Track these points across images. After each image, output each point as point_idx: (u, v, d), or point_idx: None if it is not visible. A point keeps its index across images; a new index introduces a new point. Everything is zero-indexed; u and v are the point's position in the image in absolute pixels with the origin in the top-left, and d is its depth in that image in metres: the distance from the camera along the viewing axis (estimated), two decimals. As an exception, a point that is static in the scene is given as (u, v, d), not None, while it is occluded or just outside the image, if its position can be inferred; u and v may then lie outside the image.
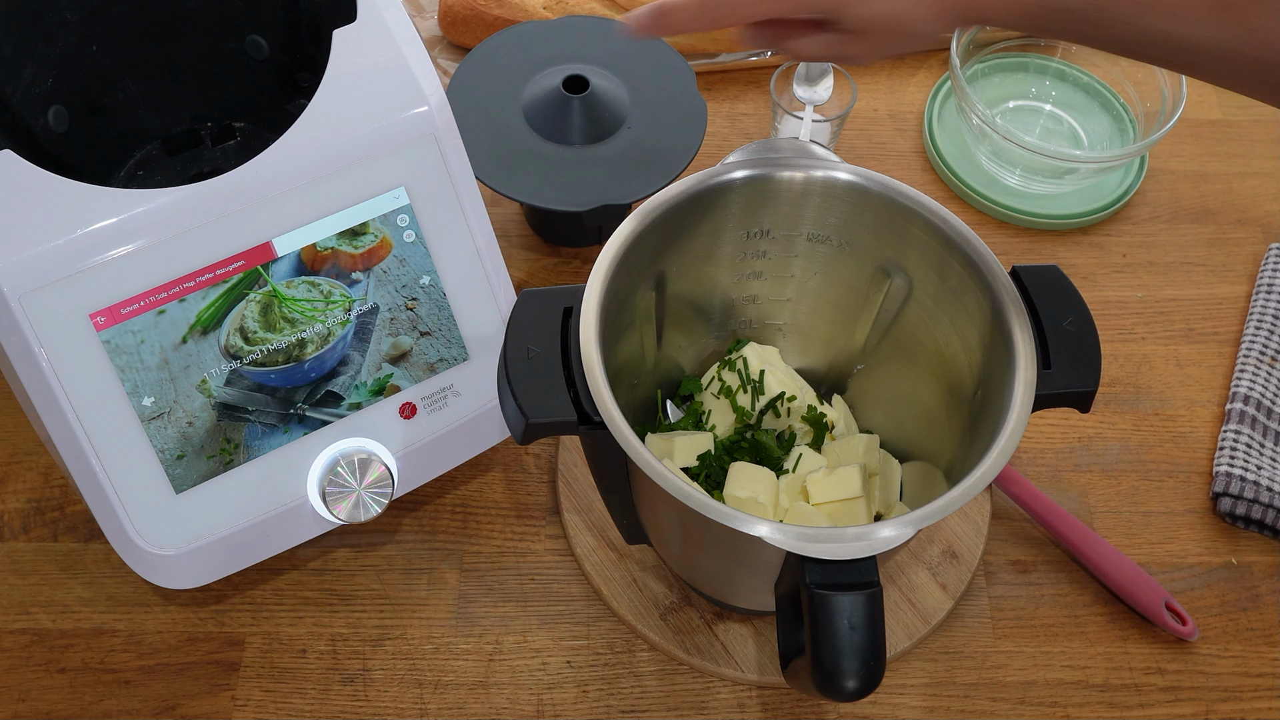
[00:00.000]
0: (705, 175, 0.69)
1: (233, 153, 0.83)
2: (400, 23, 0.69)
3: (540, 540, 0.80)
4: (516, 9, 0.99)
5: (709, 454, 0.76)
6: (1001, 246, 0.95)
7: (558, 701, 0.74)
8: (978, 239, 0.67)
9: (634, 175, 0.85)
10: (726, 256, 0.74)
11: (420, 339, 0.70)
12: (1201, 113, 1.05)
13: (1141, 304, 0.92)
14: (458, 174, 0.69)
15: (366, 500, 0.68)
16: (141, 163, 0.83)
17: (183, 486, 0.66)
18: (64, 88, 0.76)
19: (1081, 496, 0.83)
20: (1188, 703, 0.75)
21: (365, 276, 0.67)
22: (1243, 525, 0.81)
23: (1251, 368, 0.87)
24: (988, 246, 0.66)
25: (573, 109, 0.86)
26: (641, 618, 0.76)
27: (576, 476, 0.81)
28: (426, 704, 0.73)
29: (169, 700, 0.73)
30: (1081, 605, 0.78)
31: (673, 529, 0.68)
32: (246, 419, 0.67)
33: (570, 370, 0.62)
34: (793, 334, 0.80)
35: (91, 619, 0.76)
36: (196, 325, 0.64)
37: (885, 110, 1.03)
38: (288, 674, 0.74)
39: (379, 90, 0.66)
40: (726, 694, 0.74)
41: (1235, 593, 0.79)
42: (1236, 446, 0.83)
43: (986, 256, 0.66)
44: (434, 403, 0.71)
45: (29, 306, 0.60)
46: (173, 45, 0.79)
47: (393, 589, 0.77)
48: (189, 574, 0.68)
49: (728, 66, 1.04)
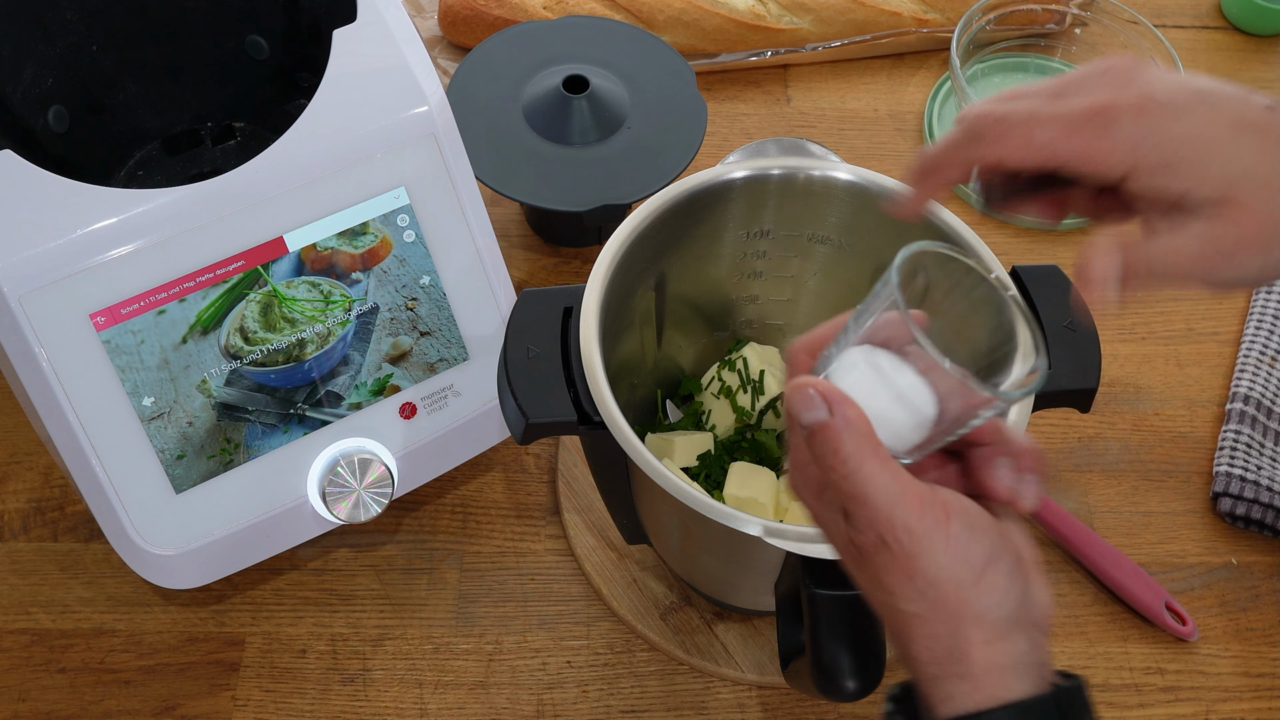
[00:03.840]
0: (705, 175, 0.69)
1: (233, 153, 0.83)
2: (400, 23, 0.69)
3: (540, 540, 0.80)
4: (516, 9, 0.99)
5: (709, 454, 0.76)
6: (1001, 246, 0.95)
7: (558, 701, 0.74)
8: (978, 239, 0.67)
9: (634, 175, 0.85)
10: (726, 256, 0.74)
11: (420, 339, 0.70)
12: (1201, 113, 1.05)
13: (1141, 304, 0.92)
14: (458, 174, 0.69)
15: (366, 500, 0.68)
16: (141, 163, 0.83)
17: (183, 486, 0.66)
18: (64, 88, 0.76)
19: (1081, 496, 0.83)
20: (1188, 703, 0.75)
21: (365, 276, 0.67)
22: (1243, 525, 0.81)
23: (1251, 368, 0.87)
24: (988, 246, 0.66)
25: (573, 109, 0.86)
26: (641, 618, 0.76)
27: (576, 476, 0.81)
28: (426, 704, 0.73)
29: (169, 700, 0.73)
30: (1081, 605, 0.78)
31: (673, 529, 0.68)
32: (246, 419, 0.67)
33: (570, 370, 0.62)
34: (793, 334, 0.80)
35: (91, 619, 0.76)
36: (196, 325, 0.64)
37: (885, 110, 1.03)
38: (288, 674, 0.74)
39: (379, 90, 0.66)
40: (726, 694, 0.74)
41: (1235, 593, 0.79)
42: (1236, 446, 0.82)
43: (987, 257, 0.66)
44: (434, 403, 0.71)
45: (29, 306, 0.60)
46: (173, 45, 0.79)
47: (393, 589, 0.77)
48: (189, 574, 0.68)
49: (728, 66, 1.04)
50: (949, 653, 0.44)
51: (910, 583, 0.44)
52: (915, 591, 0.44)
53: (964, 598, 0.44)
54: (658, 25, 1.00)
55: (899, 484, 0.44)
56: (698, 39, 1.02)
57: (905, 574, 0.44)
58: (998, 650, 0.44)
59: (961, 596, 0.44)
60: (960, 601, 0.44)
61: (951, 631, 0.44)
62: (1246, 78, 1.07)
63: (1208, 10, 1.12)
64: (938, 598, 0.44)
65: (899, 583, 0.44)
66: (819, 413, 0.44)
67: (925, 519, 0.44)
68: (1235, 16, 1.10)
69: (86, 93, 0.78)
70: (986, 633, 0.44)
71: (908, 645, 0.45)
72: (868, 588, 0.46)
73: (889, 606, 0.45)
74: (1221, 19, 1.11)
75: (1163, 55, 0.98)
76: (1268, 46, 1.09)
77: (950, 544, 0.44)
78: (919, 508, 0.44)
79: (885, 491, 0.44)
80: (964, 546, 0.44)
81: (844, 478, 0.44)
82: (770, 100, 1.03)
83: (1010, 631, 0.44)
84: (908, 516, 0.44)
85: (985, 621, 0.44)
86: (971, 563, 0.44)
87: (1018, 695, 0.43)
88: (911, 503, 0.44)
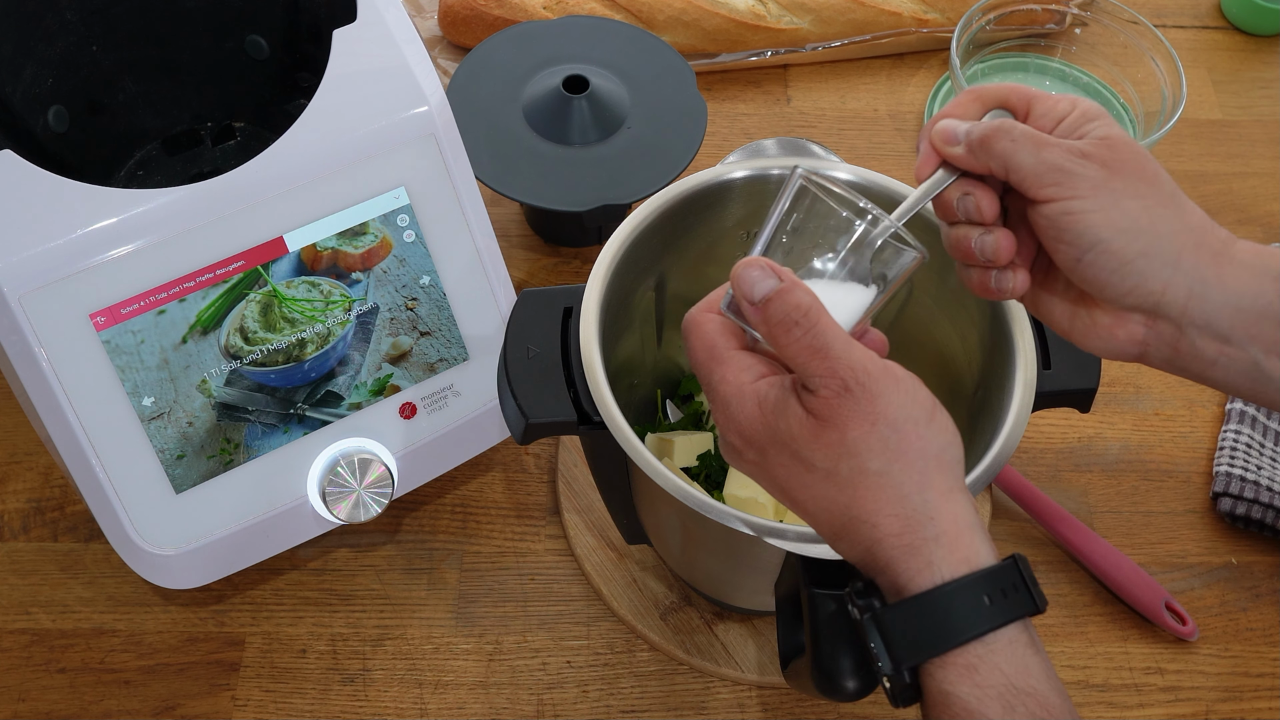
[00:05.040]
0: (705, 175, 0.69)
1: (233, 153, 0.83)
2: (400, 23, 0.69)
3: (540, 540, 0.80)
4: (516, 9, 0.99)
5: (709, 454, 0.76)
6: (1001, 246, 0.95)
7: (558, 701, 0.74)
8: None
9: (634, 175, 0.85)
10: (726, 256, 0.74)
11: (420, 339, 0.70)
12: (1201, 113, 1.05)
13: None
14: (458, 174, 0.68)
15: (366, 500, 0.68)
16: (141, 163, 0.83)
17: (183, 486, 0.66)
18: (64, 88, 0.76)
19: (1081, 496, 0.83)
20: (1188, 703, 0.75)
21: (365, 276, 0.67)
22: (1243, 525, 0.81)
23: (1251, 368, 0.87)
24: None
25: (573, 109, 0.86)
26: (641, 618, 0.76)
27: (576, 476, 0.81)
28: (426, 704, 0.73)
29: (169, 700, 0.73)
30: (1081, 605, 0.78)
31: (673, 529, 0.68)
32: (246, 419, 0.67)
33: (570, 370, 0.62)
34: (793, 334, 0.80)
35: (91, 619, 0.76)
36: (196, 325, 0.64)
37: (885, 110, 1.03)
38: (288, 674, 0.74)
39: (379, 90, 0.66)
40: (726, 694, 0.74)
41: (1235, 593, 0.79)
42: (1236, 446, 0.82)
43: None
44: (434, 403, 0.71)
45: (29, 306, 0.60)
46: (173, 45, 0.79)
47: (393, 589, 0.77)
48: (189, 574, 0.68)
49: (728, 66, 1.04)
50: (919, 513, 0.47)
51: (874, 429, 0.47)
52: (880, 440, 0.47)
53: (922, 437, 0.47)
54: (658, 25, 1.00)
55: (851, 340, 0.48)
56: (698, 39, 1.02)
57: (869, 419, 0.47)
58: (957, 504, 0.47)
59: (920, 436, 0.47)
60: (921, 443, 0.47)
61: (919, 483, 0.47)
62: (1247, 78, 1.07)
63: (1208, 10, 1.12)
64: (900, 444, 0.47)
65: (865, 429, 0.47)
66: (771, 280, 0.48)
67: (877, 364, 0.48)
68: (1235, 16, 1.10)
69: (86, 93, 0.78)
70: (946, 479, 0.47)
71: (876, 521, 0.47)
72: (833, 461, 0.48)
73: (856, 472, 0.47)
74: (1221, 19, 1.11)
75: (1163, 55, 0.98)
76: (1268, 46, 1.09)
77: (900, 386, 0.48)
78: (869, 358, 0.48)
79: (843, 340, 0.47)
80: (911, 388, 0.48)
81: (806, 331, 0.47)
82: (770, 100, 1.03)
83: (959, 482, 0.48)
84: (865, 360, 0.47)
85: (944, 464, 0.48)
86: (922, 403, 0.48)
87: (986, 559, 0.47)
88: (864, 354, 0.48)
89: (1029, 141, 0.51)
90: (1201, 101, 1.05)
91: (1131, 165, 0.51)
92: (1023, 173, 0.51)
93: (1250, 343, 0.52)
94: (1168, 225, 0.51)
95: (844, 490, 0.48)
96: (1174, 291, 0.52)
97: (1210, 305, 0.52)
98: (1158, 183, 0.52)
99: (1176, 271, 0.51)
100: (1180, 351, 0.53)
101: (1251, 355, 0.52)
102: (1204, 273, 0.51)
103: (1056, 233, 0.51)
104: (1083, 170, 0.51)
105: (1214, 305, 0.52)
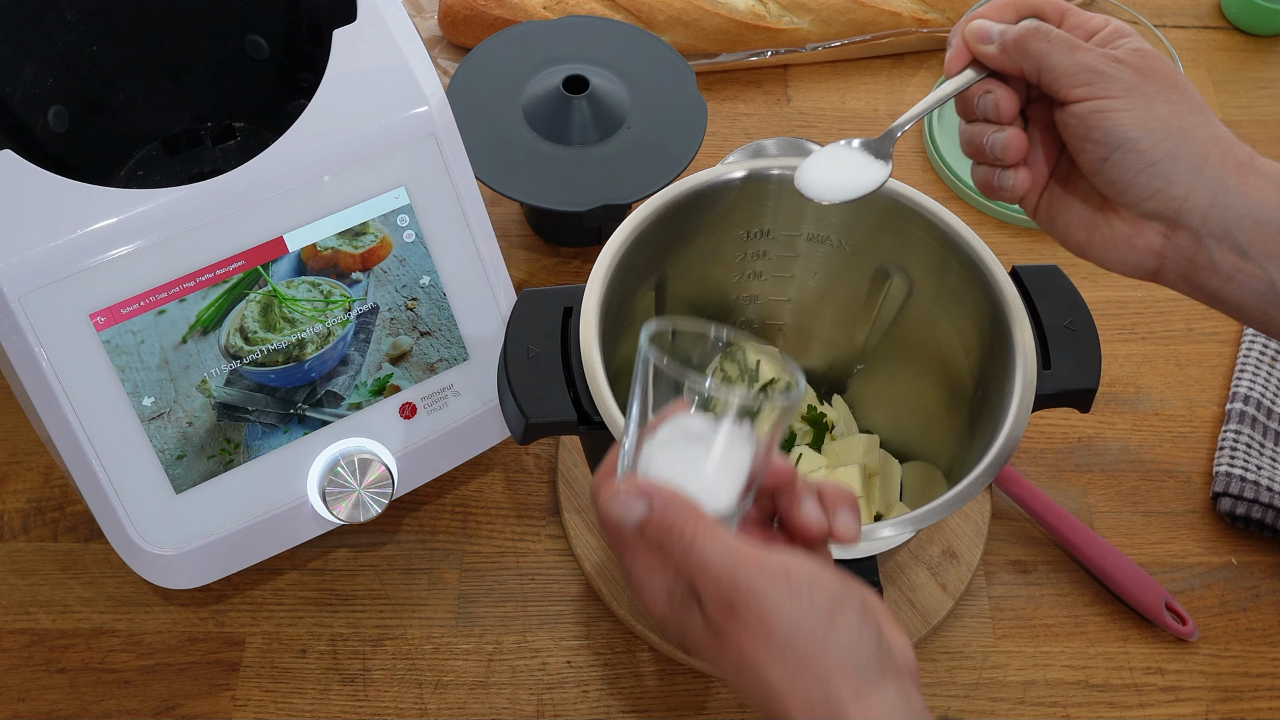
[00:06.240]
0: (705, 175, 0.69)
1: (233, 153, 0.83)
2: (400, 23, 0.69)
3: (540, 540, 0.80)
4: (516, 9, 0.99)
5: (709, 454, 0.76)
6: (1001, 246, 0.95)
7: (558, 701, 0.74)
8: (978, 239, 0.67)
9: (634, 175, 0.85)
10: (726, 256, 0.74)
11: (420, 339, 0.70)
12: (1201, 113, 1.05)
13: (1141, 304, 0.92)
14: (458, 174, 0.69)
15: (366, 500, 0.68)
16: (141, 163, 0.83)
17: (183, 486, 0.66)
18: (64, 88, 0.76)
19: (1081, 496, 0.83)
20: (1188, 703, 0.75)
21: (365, 276, 0.67)
22: (1243, 525, 0.81)
23: (1251, 367, 0.87)
24: (988, 246, 0.66)
25: (573, 109, 0.86)
26: (641, 618, 0.76)
27: (576, 476, 0.81)
28: (426, 704, 0.73)
29: (169, 700, 0.73)
30: (1081, 605, 0.78)
31: (673, 529, 0.68)
32: (246, 419, 0.67)
33: (570, 370, 0.62)
34: (793, 334, 0.80)
35: (91, 619, 0.76)
36: (196, 325, 0.64)
37: (885, 110, 1.03)
38: (288, 674, 0.74)
39: (379, 90, 0.66)
40: (726, 694, 0.74)
41: (1235, 593, 0.79)
42: (1236, 446, 0.82)
43: (986, 257, 0.66)
44: (434, 403, 0.71)
45: (29, 306, 0.60)
46: (173, 45, 0.79)
47: (393, 589, 0.77)
48: (189, 574, 0.68)
49: (728, 66, 1.04)
50: (827, 714, 0.44)
51: (768, 646, 0.44)
52: (775, 655, 0.44)
53: (821, 648, 0.44)
54: (658, 25, 1.00)
55: (735, 550, 0.44)
56: (698, 39, 1.02)
57: (762, 637, 0.44)
58: (871, 703, 0.44)
59: (818, 646, 0.44)
60: (819, 652, 0.44)
61: (824, 693, 0.44)
62: (1247, 78, 1.07)
63: (1208, 10, 1.12)
64: (797, 657, 0.44)
65: (760, 649, 0.44)
66: (638, 506, 0.45)
67: (765, 576, 0.44)
68: (1235, 16, 1.10)
69: (86, 93, 0.78)
70: (854, 682, 0.44)
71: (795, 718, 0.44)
72: (738, 673, 0.45)
73: (760, 683, 0.45)
74: (1221, 19, 1.11)
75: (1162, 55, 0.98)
76: (1268, 46, 1.09)
77: (794, 595, 0.44)
78: (757, 567, 0.44)
79: (723, 557, 0.44)
80: (807, 596, 0.44)
81: (685, 551, 0.44)
82: (770, 100, 1.03)
83: (878, 679, 0.44)
84: (749, 576, 0.44)
85: (849, 669, 0.44)
86: (818, 609, 0.44)
87: None
88: (750, 564, 0.44)
89: (1064, 43, 0.53)
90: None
91: (1163, 75, 0.53)
92: (1056, 73, 0.52)
93: (1268, 259, 0.52)
94: (1197, 131, 0.52)
95: (757, 691, 0.45)
96: (1196, 198, 0.52)
97: (1231, 215, 0.52)
98: (1188, 93, 0.53)
99: (1201, 177, 0.52)
100: (1197, 265, 0.54)
101: (1268, 273, 0.52)
102: (1228, 180, 0.52)
103: (1085, 130, 0.52)
104: (1116, 72, 0.52)
105: (1235, 215, 0.52)
